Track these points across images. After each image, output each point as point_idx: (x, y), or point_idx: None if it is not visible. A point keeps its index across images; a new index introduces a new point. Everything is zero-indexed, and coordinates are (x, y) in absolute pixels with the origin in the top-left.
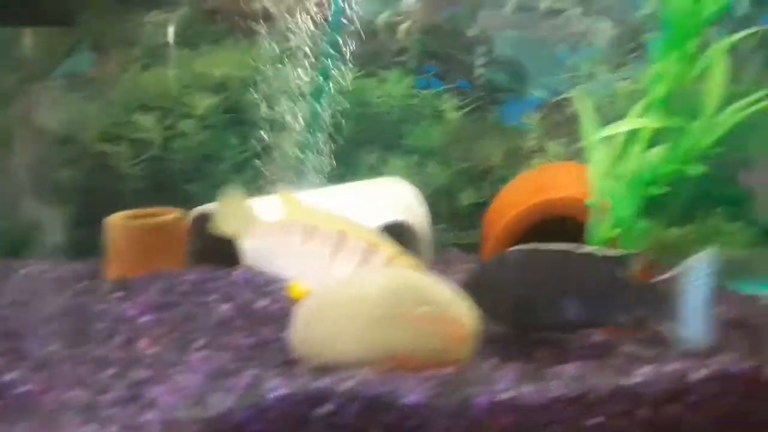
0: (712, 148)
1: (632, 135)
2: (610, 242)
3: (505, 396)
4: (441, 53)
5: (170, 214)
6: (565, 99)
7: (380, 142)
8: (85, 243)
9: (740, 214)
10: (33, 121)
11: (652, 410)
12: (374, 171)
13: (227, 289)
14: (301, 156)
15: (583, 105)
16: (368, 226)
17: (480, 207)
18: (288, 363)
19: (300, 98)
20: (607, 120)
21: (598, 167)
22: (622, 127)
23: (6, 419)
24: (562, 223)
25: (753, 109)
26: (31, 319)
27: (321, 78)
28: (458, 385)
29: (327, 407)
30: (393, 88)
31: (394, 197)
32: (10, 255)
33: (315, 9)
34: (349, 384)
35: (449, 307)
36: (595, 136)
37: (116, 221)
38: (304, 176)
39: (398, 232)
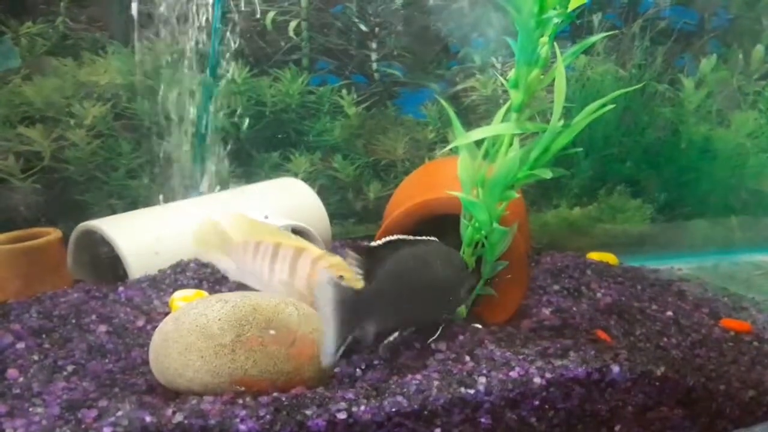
0: (566, 151)
1: (494, 140)
2: (476, 243)
3: (341, 416)
4: (335, 49)
5: (48, 235)
6: (462, 89)
7: (281, 140)
8: None
9: (639, 192)
10: None
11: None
12: (278, 169)
13: (107, 309)
14: (197, 159)
15: (449, 109)
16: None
17: (387, 199)
18: (150, 390)
19: (190, 101)
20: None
21: (464, 172)
22: (483, 133)
23: None
24: (450, 220)
25: (601, 112)
26: None
27: (210, 79)
28: (296, 407)
29: None
30: (288, 86)
31: (289, 200)
32: None
33: (199, 10)
34: (179, 417)
35: (299, 327)
36: (460, 140)
37: None
38: (200, 179)
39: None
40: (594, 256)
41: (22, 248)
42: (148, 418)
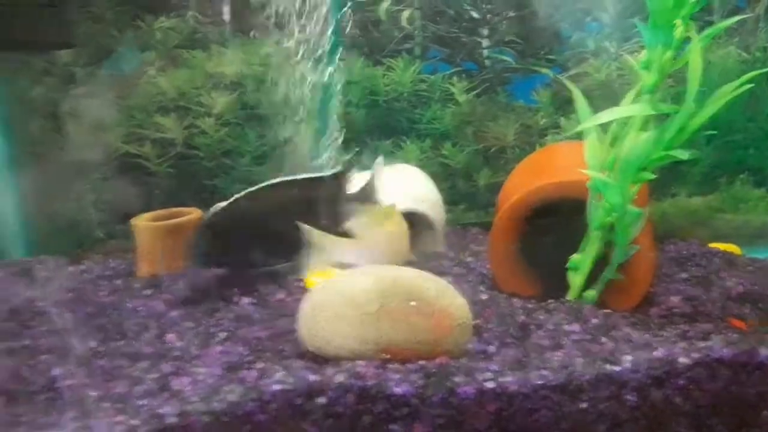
0: (700, 132)
1: (624, 122)
2: (607, 227)
3: (489, 385)
4: (446, 37)
5: (189, 215)
6: (575, 75)
7: (394, 129)
8: (119, 239)
9: (764, 181)
10: (64, 124)
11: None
12: (389, 157)
13: (246, 283)
14: (316, 147)
15: (575, 91)
16: None
17: (496, 186)
18: (299, 355)
19: (309, 90)
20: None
21: (592, 154)
22: (613, 114)
23: (54, 410)
24: (568, 204)
25: (737, 92)
26: (74, 317)
27: (329, 70)
28: (444, 375)
29: (322, 399)
30: (401, 76)
31: (408, 185)
32: (47, 253)
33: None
34: (340, 377)
35: (437, 300)
36: (589, 123)
37: (141, 223)
38: (320, 166)
39: (413, 220)
40: (714, 246)
41: (168, 226)
42: (312, 377)
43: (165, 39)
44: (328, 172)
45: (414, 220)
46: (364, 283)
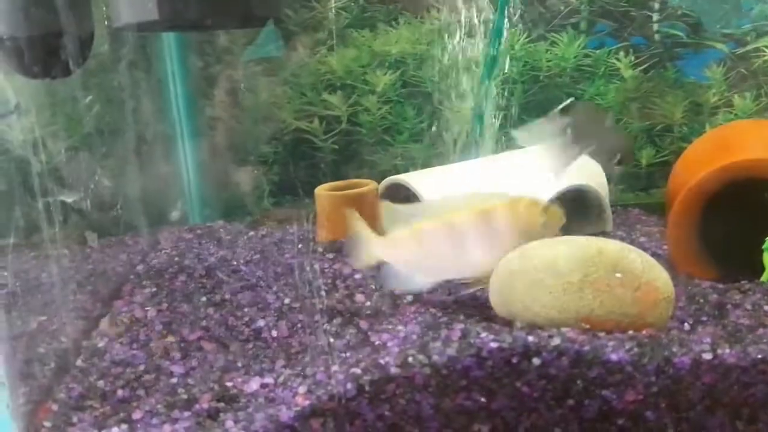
0: None
1: None
2: None
3: (706, 356)
4: (614, 11)
5: (367, 186)
6: (753, 50)
7: (554, 105)
8: (291, 209)
9: None
10: (238, 101)
11: None
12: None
13: None
14: (475, 124)
15: None
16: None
17: (660, 166)
18: (490, 319)
19: (472, 69)
20: None
21: None
22: None
23: (265, 358)
24: (751, 186)
25: None
26: (266, 275)
27: (492, 49)
28: (657, 345)
29: (538, 360)
30: (564, 51)
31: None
32: (224, 219)
33: None
34: (556, 341)
35: (643, 273)
36: None
37: (323, 192)
38: (478, 144)
39: (580, 197)
40: None
41: (347, 195)
42: (530, 338)
43: (336, 19)
44: None
45: (583, 198)
46: (566, 252)
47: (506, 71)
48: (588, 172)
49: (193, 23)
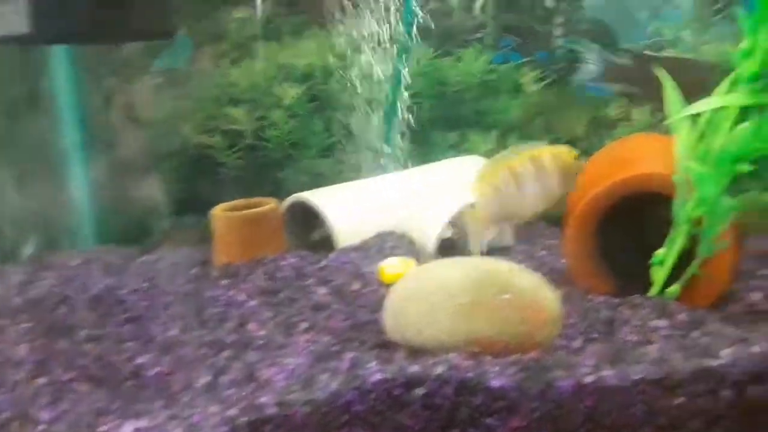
0: None
1: (719, 112)
2: (696, 221)
3: (588, 379)
4: (519, 26)
5: (268, 204)
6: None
7: (460, 120)
8: (192, 229)
9: None
10: (136, 114)
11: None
12: (455, 148)
13: (323, 274)
14: (382, 139)
15: (666, 81)
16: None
17: None
18: (383, 345)
19: (379, 83)
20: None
21: (683, 145)
22: (709, 104)
23: (142, 399)
24: (647, 199)
25: None
26: (154, 305)
27: (399, 62)
28: (541, 369)
29: (421, 390)
30: (470, 66)
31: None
32: (123, 243)
33: None
34: (440, 369)
35: (531, 293)
36: (681, 113)
37: (219, 213)
38: (385, 159)
39: None
40: None
41: (245, 216)
42: (413, 368)
43: (240, 30)
44: None
45: None
46: (458, 275)
47: (412, 86)
48: None
49: (73, 37)
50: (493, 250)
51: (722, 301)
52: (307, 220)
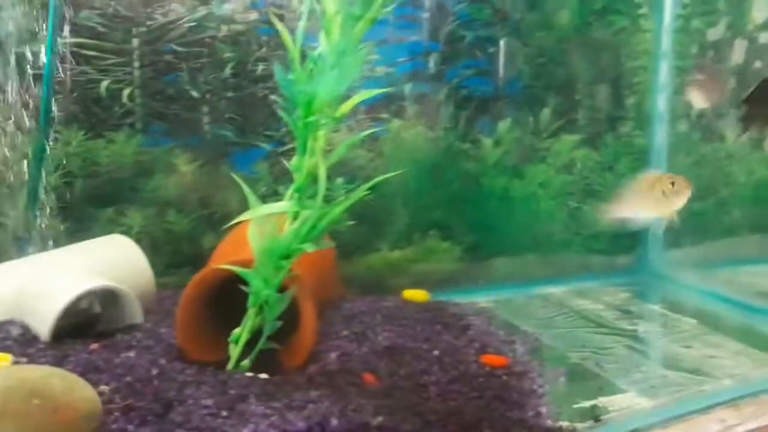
0: (331, 227)
1: (278, 216)
2: (259, 310)
3: None
4: (168, 113)
5: None
6: (292, 149)
7: (116, 198)
8: None
9: (449, 235)
10: None
11: None
12: (113, 224)
13: None
14: (29, 219)
15: (241, 182)
16: None
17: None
18: None
19: (22, 160)
20: None
21: (253, 241)
22: (271, 209)
23: None
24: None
25: (362, 194)
26: None
27: (41, 139)
28: None
29: None
30: (122, 148)
31: (111, 255)
32: None
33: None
34: None
35: (62, 395)
36: (248, 215)
37: None
38: (31, 239)
39: (111, 296)
40: (408, 293)
41: None
42: None
43: None
44: None
45: (115, 294)
46: None
47: (64, 165)
48: (129, 267)
49: None
50: (118, 330)
51: (310, 362)
52: None
